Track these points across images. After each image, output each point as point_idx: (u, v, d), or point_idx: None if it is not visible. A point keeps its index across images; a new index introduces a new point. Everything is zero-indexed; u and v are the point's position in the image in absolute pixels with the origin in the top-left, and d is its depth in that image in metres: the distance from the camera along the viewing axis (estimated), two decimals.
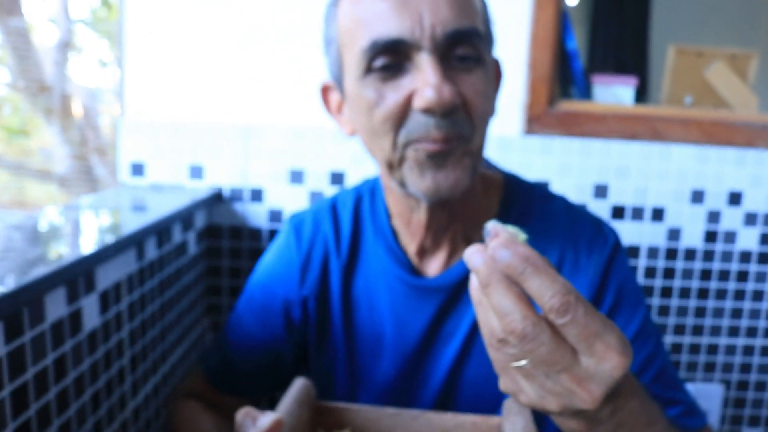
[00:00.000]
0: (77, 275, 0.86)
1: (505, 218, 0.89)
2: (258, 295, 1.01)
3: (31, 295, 0.73)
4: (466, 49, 0.75)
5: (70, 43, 3.88)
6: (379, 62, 0.75)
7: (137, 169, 1.45)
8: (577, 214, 0.93)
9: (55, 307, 0.82)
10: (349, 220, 0.97)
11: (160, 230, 1.17)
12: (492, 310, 0.51)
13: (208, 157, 1.45)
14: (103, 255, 0.91)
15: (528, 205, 0.92)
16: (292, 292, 0.98)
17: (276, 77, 1.43)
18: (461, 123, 0.75)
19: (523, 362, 0.51)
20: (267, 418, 0.63)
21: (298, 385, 0.77)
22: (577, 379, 0.50)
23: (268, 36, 1.42)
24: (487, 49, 0.79)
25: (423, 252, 0.91)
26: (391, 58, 0.75)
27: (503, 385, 0.56)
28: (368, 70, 0.76)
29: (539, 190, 0.95)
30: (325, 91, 0.91)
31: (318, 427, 0.78)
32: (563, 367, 0.50)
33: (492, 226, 0.53)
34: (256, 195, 1.46)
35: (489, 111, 0.80)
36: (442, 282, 0.89)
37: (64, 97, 3.69)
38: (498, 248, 0.50)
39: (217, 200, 1.45)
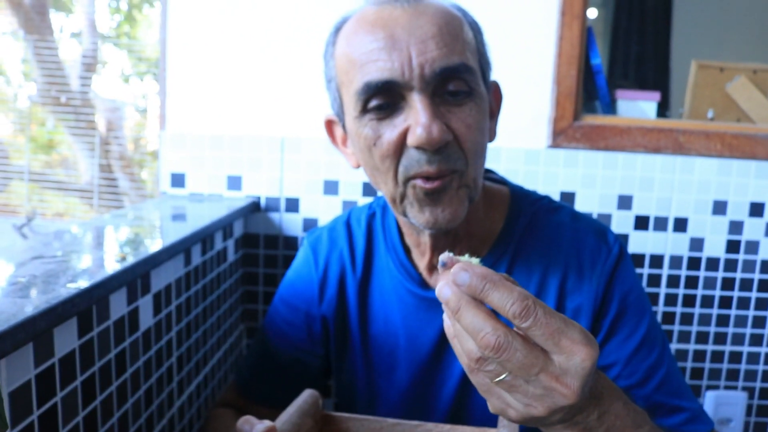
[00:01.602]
0: (137, 277, 0.91)
1: (511, 231, 0.93)
2: (282, 310, 1.06)
3: (101, 293, 0.78)
4: (456, 84, 0.79)
5: (95, 58, 3.97)
6: (374, 103, 0.79)
7: (177, 180, 1.51)
8: (581, 224, 0.95)
9: (118, 306, 0.87)
10: (363, 237, 1.02)
11: (204, 238, 1.22)
12: (465, 332, 0.56)
13: (245, 168, 1.50)
14: (158, 259, 0.96)
15: (533, 217, 0.95)
16: (312, 307, 1.03)
17: (311, 91, 1.48)
18: (454, 157, 0.79)
19: (503, 375, 0.55)
20: (262, 425, 0.68)
21: (304, 395, 0.81)
22: (554, 376, 0.54)
23: (305, 51, 1.48)
24: (479, 80, 0.82)
25: (433, 268, 0.94)
26: (384, 98, 0.79)
27: (491, 407, 0.60)
28: (364, 110, 0.80)
29: (544, 202, 0.98)
30: (329, 125, 0.96)
31: None
32: (540, 368, 0.54)
33: (445, 256, 0.58)
34: (292, 205, 1.51)
35: (482, 141, 0.83)
36: None
37: (89, 112, 3.77)
38: (457, 272, 0.55)
39: (254, 210, 1.50)
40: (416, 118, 0.76)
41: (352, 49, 0.81)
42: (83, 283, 0.75)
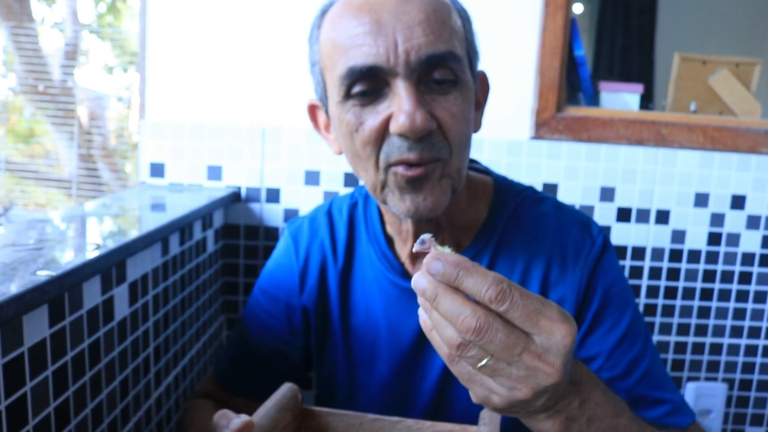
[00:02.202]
0: (111, 265, 0.90)
1: (494, 221, 0.92)
2: (262, 300, 1.05)
3: (73, 280, 0.77)
4: (442, 73, 0.77)
5: (77, 48, 3.92)
6: (357, 88, 0.77)
7: (157, 170, 1.49)
8: (565, 215, 0.94)
9: (92, 294, 0.86)
10: (345, 226, 1.00)
11: (183, 227, 1.20)
12: (444, 319, 0.55)
13: (226, 158, 1.49)
14: (133, 248, 0.95)
15: (517, 208, 0.94)
16: (293, 298, 1.01)
17: (293, 80, 1.47)
18: (438, 145, 0.77)
19: (485, 360, 0.55)
20: (239, 419, 0.67)
21: (283, 389, 0.80)
22: (536, 355, 0.54)
23: (286, 39, 1.46)
24: (465, 69, 0.80)
25: (415, 257, 0.93)
26: (368, 84, 0.77)
27: (474, 396, 0.59)
28: (347, 95, 0.78)
29: (528, 193, 0.97)
30: (312, 109, 0.94)
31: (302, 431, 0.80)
32: (522, 348, 0.54)
33: (425, 236, 0.59)
34: (273, 195, 1.50)
35: (466, 131, 0.81)
36: None
37: (70, 102, 3.73)
38: (430, 262, 0.55)
39: (234, 200, 1.48)
40: (400, 105, 0.75)
41: (338, 33, 0.79)
42: (54, 271, 0.74)
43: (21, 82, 3.68)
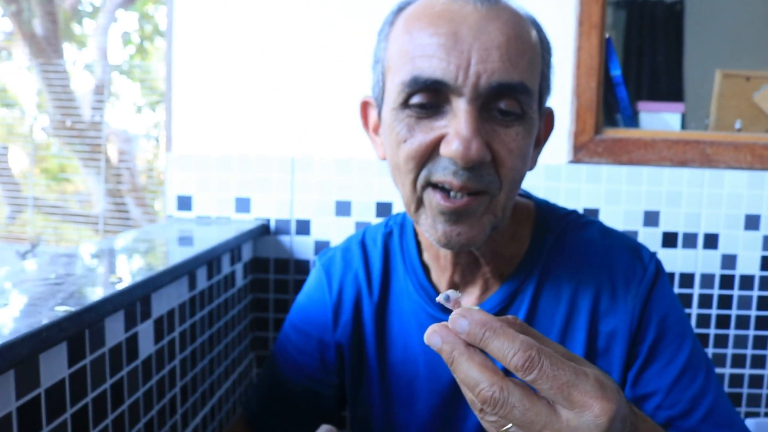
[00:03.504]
0: (135, 300, 0.85)
1: (538, 249, 0.86)
2: (293, 337, 0.99)
3: (94, 316, 0.73)
4: (509, 104, 0.71)
5: (107, 88, 3.98)
6: (417, 99, 0.72)
7: (184, 203, 1.46)
8: (613, 241, 0.88)
9: (115, 331, 0.81)
10: (380, 257, 0.94)
11: (210, 261, 1.16)
12: (463, 384, 0.52)
13: (254, 189, 1.45)
14: (158, 282, 0.90)
15: (561, 234, 0.88)
16: (326, 334, 0.95)
17: (322, 109, 1.44)
18: (487, 178, 0.72)
19: (508, 425, 0.51)
20: None
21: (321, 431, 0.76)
22: None
23: (314, 67, 1.43)
24: (534, 104, 0.75)
25: (455, 288, 0.87)
26: (429, 97, 0.72)
27: None
28: (405, 104, 0.73)
29: (573, 217, 0.91)
30: (364, 106, 0.88)
31: None
32: (543, 425, 0.49)
33: (451, 293, 0.55)
34: (303, 227, 1.45)
35: (521, 169, 0.75)
36: None
37: (99, 140, 3.77)
38: (456, 319, 0.51)
39: (263, 232, 1.44)
40: (457, 129, 0.69)
41: (410, 36, 0.73)
42: (74, 306, 0.69)
43: (53, 123, 3.73)
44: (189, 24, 1.44)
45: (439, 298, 0.55)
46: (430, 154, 0.72)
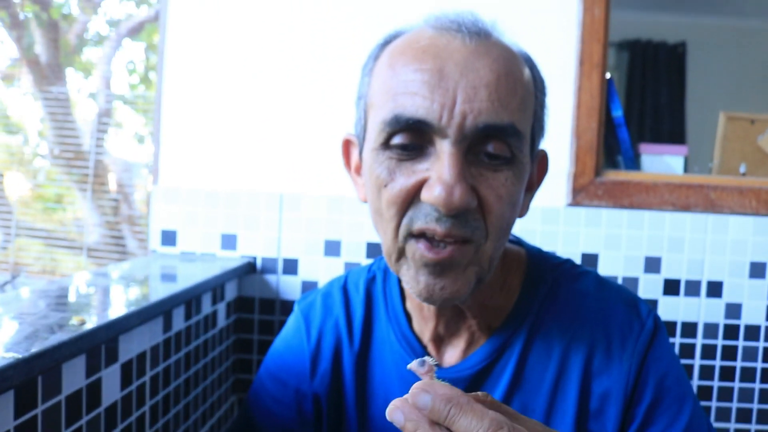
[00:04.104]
0: (99, 343, 0.80)
1: (528, 301, 0.81)
2: (269, 385, 0.93)
3: (48, 362, 0.67)
4: (497, 147, 0.66)
5: (109, 116, 3.97)
6: (398, 140, 0.67)
7: (168, 238, 1.41)
8: (609, 293, 0.82)
9: (73, 377, 0.76)
10: (362, 304, 0.89)
11: (189, 300, 1.11)
12: None
13: (241, 226, 1.40)
14: (128, 323, 0.85)
15: (554, 285, 0.82)
16: (303, 383, 0.89)
17: (312, 145, 1.40)
18: (472, 224, 0.66)
19: None
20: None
21: None
22: None
23: (305, 103, 1.40)
24: (524, 147, 0.70)
25: (439, 339, 0.82)
26: (411, 138, 0.67)
27: None
28: (386, 144, 0.68)
29: (567, 266, 0.85)
30: (346, 145, 0.83)
31: None
32: None
33: (428, 360, 0.52)
34: (290, 266, 1.40)
35: (510, 216, 0.70)
36: (460, 373, 0.79)
37: (99, 168, 3.75)
38: (417, 394, 0.48)
39: (249, 271, 1.39)
40: (439, 173, 0.64)
41: (393, 72, 0.69)
42: (22, 353, 0.64)
43: (51, 148, 3.71)
44: (180, 56, 1.42)
45: (412, 365, 0.50)
46: (411, 199, 0.67)
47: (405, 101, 0.66)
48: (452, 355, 0.82)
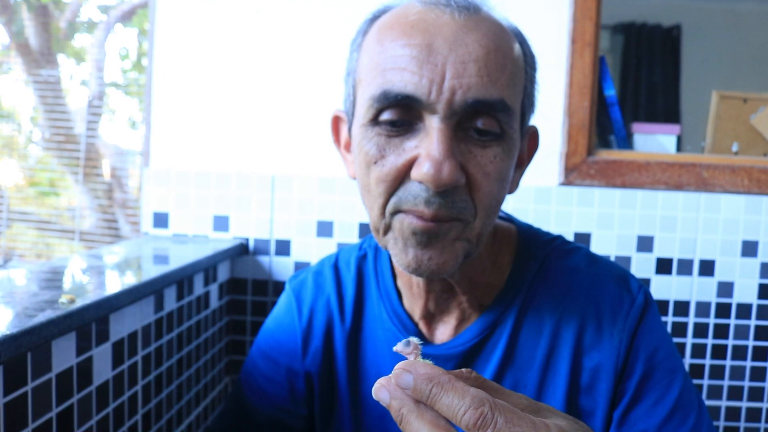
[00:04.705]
0: (90, 321, 0.80)
1: (520, 278, 0.80)
2: (260, 364, 0.93)
3: (36, 339, 0.67)
4: (487, 122, 0.66)
5: (102, 102, 3.94)
6: (387, 116, 0.66)
7: (160, 220, 1.41)
8: (599, 269, 0.82)
9: (64, 354, 0.76)
10: (353, 281, 0.89)
11: (181, 280, 1.11)
12: None
13: (233, 208, 1.40)
14: (118, 302, 0.85)
15: (545, 262, 0.82)
16: (295, 362, 0.89)
17: (304, 126, 1.39)
18: (460, 204, 0.66)
19: None
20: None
21: None
22: None
23: (296, 84, 1.39)
24: (514, 123, 0.69)
25: (430, 316, 0.82)
26: (400, 114, 0.66)
27: None
28: (375, 120, 0.67)
29: (558, 243, 0.85)
30: (335, 122, 0.83)
31: None
32: None
33: (413, 339, 0.52)
34: (283, 247, 1.40)
35: (499, 193, 0.70)
36: (451, 350, 0.79)
37: (92, 154, 3.73)
38: (399, 374, 0.48)
39: (241, 252, 1.39)
40: (428, 150, 0.64)
41: (382, 47, 0.68)
42: (12, 329, 0.64)
43: (46, 137, 3.69)
44: (170, 40, 1.40)
45: (397, 347, 0.51)
46: (402, 178, 0.67)
47: (393, 77, 0.65)
48: (444, 332, 0.82)
